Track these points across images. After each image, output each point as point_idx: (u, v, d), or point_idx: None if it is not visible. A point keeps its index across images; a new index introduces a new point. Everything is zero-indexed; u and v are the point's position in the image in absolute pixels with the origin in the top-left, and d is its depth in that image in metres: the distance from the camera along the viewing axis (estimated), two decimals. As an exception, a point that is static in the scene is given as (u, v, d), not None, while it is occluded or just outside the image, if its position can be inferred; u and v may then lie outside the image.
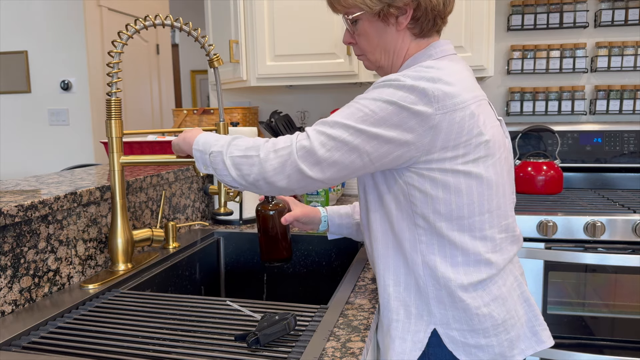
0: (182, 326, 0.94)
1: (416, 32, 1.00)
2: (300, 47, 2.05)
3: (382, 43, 1.01)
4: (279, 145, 0.90)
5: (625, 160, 2.24)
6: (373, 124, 0.88)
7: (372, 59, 1.04)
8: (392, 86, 0.89)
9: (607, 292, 1.83)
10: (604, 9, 2.26)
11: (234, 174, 0.93)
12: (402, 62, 1.02)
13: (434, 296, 0.97)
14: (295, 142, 0.90)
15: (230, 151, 0.94)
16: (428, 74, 0.90)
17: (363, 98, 0.91)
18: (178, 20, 1.20)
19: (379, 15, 0.97)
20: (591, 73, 2.35)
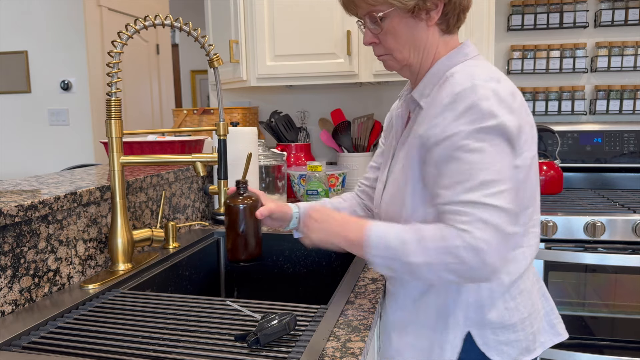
0: (182, 326, 0.94)
1: (443, 28, 0.98)
2: (300, 47, 2.05)
3: (412, 40, 0.97)
4: (478, 234, 0.83)
5: (625, 160, 2.24)
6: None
7: (400, 57, 1.00)
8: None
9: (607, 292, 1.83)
10: (604, 9, 2.26)
11: (447, 277, 0.87)
12: (433, 61, 1.00)
13: (473, 301, 0.97)
14: (490, 219, 0.83)
15: (434, 257, 0.85)
16: (499, 86, 0.90)
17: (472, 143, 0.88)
18: (178, 20, 1.20)
19: (412, 11, 0.94)
20: (591, 73, 2.35)
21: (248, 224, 1.12)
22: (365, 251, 0.91)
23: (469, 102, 0.87)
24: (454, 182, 0.87)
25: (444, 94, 0.91)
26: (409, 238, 0.88)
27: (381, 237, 0.90)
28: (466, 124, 0.87)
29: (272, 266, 1.62)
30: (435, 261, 0.85)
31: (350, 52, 2.01)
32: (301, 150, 2.30)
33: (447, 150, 0.88)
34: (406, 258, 0.87)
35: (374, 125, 2.33)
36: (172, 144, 1.71)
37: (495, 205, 0.84)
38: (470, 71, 0.92)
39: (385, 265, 0.91)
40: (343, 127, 2.34)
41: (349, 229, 0.95)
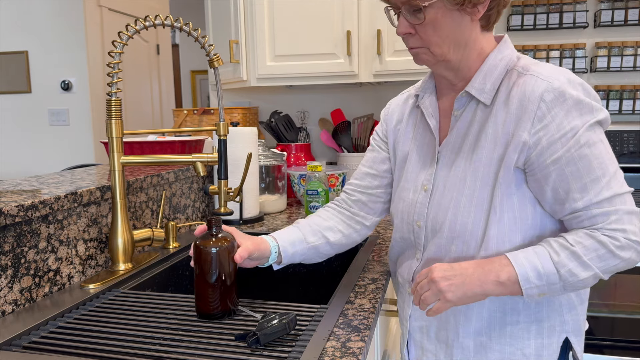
0: (182, 326, 0.94)
1: (484, 24, 0.93)
2: (300, 47, 2.05)
3: (454, 34, 0.91)
4: (634, 229, 0.84)
5: (625, 160, 2.24)
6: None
7: (438, 52, 0.92)
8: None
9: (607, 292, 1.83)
10: (603, 9, 2.26)
11: (606, 278, 0.87)
12: (479, 57, 0.94)
13: (566, 302, 0.94)
14: (637, 208, 0.86)
15: (600, 267, 0.84)
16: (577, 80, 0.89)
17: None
18: (178, 21, 1.20)
19: (461, 4, 0.87)
20: (591, 73, 2.35)
21: (222, 271, 0.96)
22: (523, 287, 0.85)
23: (575, 97, 0.85)
24: (589, 180, 0.84)
25: (541, 90, 0.86)
26: (561, 259, 0.84)
27: (533, 268, 0.84)
28: (578, 119, 0.85)
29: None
30: (600, 269, 0.84)
31: (350, 52, 2.01)
32: (301, 150, 2.31)
33: (571, 151, 0.84)
34: (575, 277, 0.84)
35: (374, 125, 2.33)
36: (172, 144, 1.71)
37: (628, 191, 0.86)
38: (549, 66, 0.89)
39: (538, 293, 0.86)
40: (343, 127, 2.34)
41: (493, 270, 0.86)
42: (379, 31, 1.98)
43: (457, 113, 0.96)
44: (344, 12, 2.01)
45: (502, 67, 0.93)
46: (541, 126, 0.85)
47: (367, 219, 1.16)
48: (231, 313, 0.98)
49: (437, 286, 0.87)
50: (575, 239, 0.85)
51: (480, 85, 0.93)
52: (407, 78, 2.03)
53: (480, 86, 0.92)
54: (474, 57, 0.94)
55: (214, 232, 0.97)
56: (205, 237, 0.97)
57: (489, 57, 0.93)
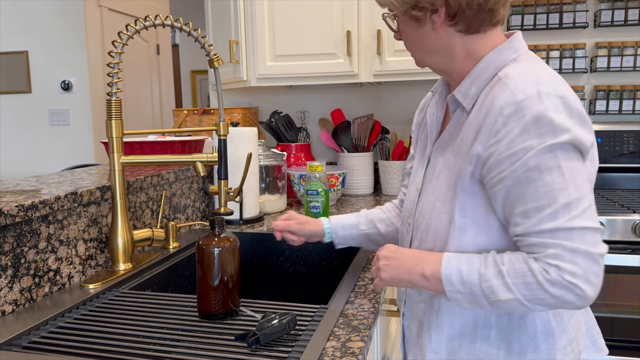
0: (182, 326, 0.94)
1: (462, 29, 0.89)
2: (300, 47, 2.05)
3: (420, 42, 0.92)
4: (569, 268, 0.76)
5: (625, 160, 2.24)
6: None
7: (416, 58, 0.96)
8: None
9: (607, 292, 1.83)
10: (603, 9, 2.26)
11: (540, 309, 0.81)
12: (472, 62, 0.91)
13: (542, 328, 0.89)
14: (580, 246, 0.76)
15: (523, 294, 0.79)
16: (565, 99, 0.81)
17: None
18: (178, 21, 1.20)
19: (409, 16, 0.90)
20: (591, 73, 2.35)
21: (225, 271, 0.96)
22: (445, 288, 0.85)
23: (535, 112, 0.78)
24: (532, 208, 0.79)
25: (502, 102, 0.81)
26: (487, 272, 0.81)
27: (457, 271, 0.84)
28: (535, 139, 0.78)
29: (272, 266, 1.62)
30: (525, 297, 0.79)
31: (350, 53, 2.01)
32: (301, 150, 2.31)
33: (517, 172, 0.79)
34: (489, 296, 0.81)
35: (374, 125, 2.33)
36: (173, 144, 1.71)
37: (583, 226, 0.77)
38: (529, 73, 0.83)
39: (466, 301, 0.84)
40: (343, 127, 2.34)
41: (425, 263, 0.88)
42: (379, 31, 1.99)
43: (452, 115, 0.95)
44: (344, 12, 2.01)
45: (491, 70, 0.88)
46: (494, 141, 0.81)
47: None
48: (233, 313, 0.98)
49: (377, 263, 0.95)
50: (510, 258, 0.81)
51: (465, 90, 0.90)
52: (407, 78, 2.03)
53: (466, 90, 0.90)
54: (460, 60, 0.91)
55: (217, 232, 0.97)
56: (207, 235, 0.97)
57: (483, 59, 0.89)
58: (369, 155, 2.25)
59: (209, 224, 0.97)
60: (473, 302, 0.84)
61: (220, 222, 0.97)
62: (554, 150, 0.77)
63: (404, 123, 2.46)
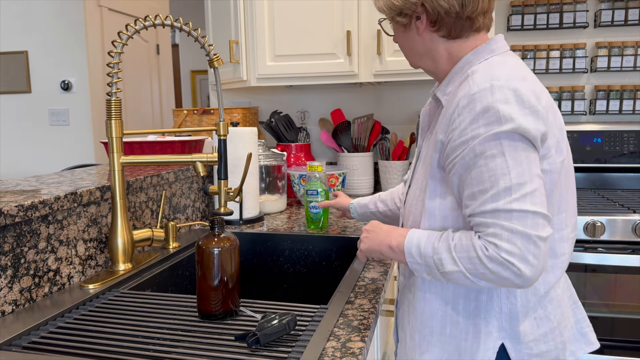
0: (182, 326, 0.94)
1: (445, 35, 0.96)
2: (300, 47, 2.05)
3: (409, 46, 1.03)
4: (506, 246, 0.81)
5: (625, 160, 2.24)
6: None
7: (409, 61, 1.06)
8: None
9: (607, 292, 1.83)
10: (603, 9, 2.26)
11: (484, 285, 0.87)
12: (454, 61, 0.98)
13: (507, 310, 0.94)
14: (517, 227, 0.81)
15: (466, 267, 0.85)
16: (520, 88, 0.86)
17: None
18: (178, 21, 1.20)
19: (396, 22, 1.01)
20: (591, 73, 2.35)
21: (225, 271, 0.96)
22: (407, 259, 0.93)
23: (484, 104, 0.85)
24: (477, 191, 0.85)
25: (461, 94, 0.88)
26: (440, 246, 0.89)
27: (417, 245, 0.92)
28: (482, 127, 0.84)
29: (272, 266, 1.62)
30: (467, 271, 0.85)
31: (350, 52, 2.01)
32: (301, 150, 2.31)
33: (465, 158, 0.86)
34: (439, 267, 0.88)
35: (374, 125, 2.33)
36: (172, 144, 1.71)
37: (523, 209, 0.81)
38: (491, 70, 0.89)
39: (424, 272, 0.92)
40: (343, 127, 2.34)
41: (392, 236, 0.97)
42: (379, 31, 1.98)
43: (436, 114, 1.03)
44: (344, 12, 2.01)
45: (465, 70, 0.96)
46: (451, 129, 0.89)
47: None
48: (233, 313, 0.98)
49: (361, 236, 1.08)
50: (460, 235, 0.88)
51: (444, 88, 0.99)
52: (407, 78, 2.03)
53: (444, 88, 0.99)
54: (444, 63, 1.00)
55: (217, 232, 0.97)
56: (207, 235, 0.97)
57: (461, 60, 0.97)
58: (369, 155, 2.25)
59: (209, 224, 0.97)
60: (429, 274, 0.92)
61: (220, 222, 0.97)
62: (498, 138, 0.84)
63: (404, 123, 2.46)
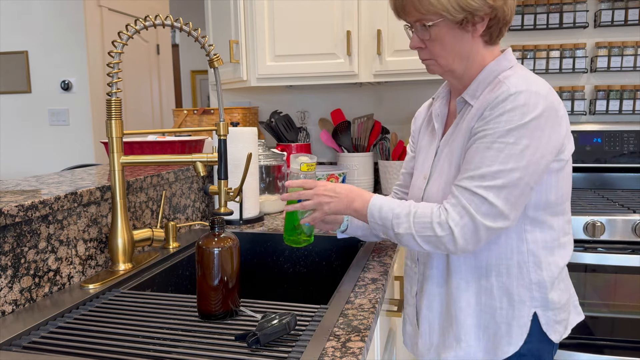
0: (182, 326, 0.94)
1: (487, 40, 1.06)
2: (300, 47, 2.05)
3: (458, 49, 1.05)
4: (455, 218, 0.97)
5: (625, 160, 2.24)
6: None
7: (444, 64, 1.07)
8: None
9: (607, 292, 1.83)
10: (603, 9, 2.26)
11: (426, 247, 1.01)
12: (480, 67, 1.07)
13: (536, 281, 1.05)
14: (470, 207, 0.96)
15: (417, 230, 1.00)
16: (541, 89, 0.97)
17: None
18: (178, 21, 1.20)
19: (460, 23, 1.01)
20: (591, 73, 2.35)
21: (225, 271, 0.96)
22: (368, 219, 1.07)
23: (517, 103, 0.95)
24: (464, 168, 0.99)
25: (498, 92, 0.98)
26: (401, 212, 1.02)
27: (378, 209, 1.05)
28: (505, 123, 0.95)
29: (272, 266, 1.62)
30: (417, 233, 1.00)
31: (350, 52, 2.01)
32: (301, 150, 2.31)
33: (476, 142, 0.98)
34: (394, 229, 1.02)
35: (374, 125, 2.33)
36: (172, 144, 1.71)
37: (482, 196, 0.95)
38: (526, 76, 1.00)
39: (383, 232, 1.06)
40: (343, 127, 2.34)
41: (355, 200, 1.09)
42: (379, 31, 1.99)
43: (458, 114, 1.10)
44: (344, 12, 2.01)
45: (492, 76, 1.05)
46: (481, 117, 1.00)
47: None
48: (233, 313, 0.98)
49: (320, 199, 1.11)
50: (424, 204, 1.02)
51: (473, 92, 1.06)
52: (407, 78, 2.03)
53: (473, 92, 1.06)
54: (476, 67, 1.07)
55: (217, 232, 0.97)
56: (208, 235, 0.98)
57: (487, 67, 1.06)
58: (369, 155, 2.25)
59: (209, 224, 0.97)
60: (384, 233, 1.06)
61: (220, 222, 0.97)
62: (511, 132, 0.95)
63: (404, 123, 2.46)
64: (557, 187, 1.04)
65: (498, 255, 1.05)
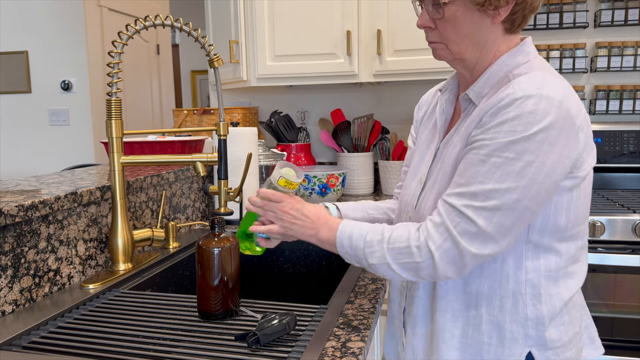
0: (182, 326, 0.94)
1: (507, 27, 0.91)
2: (300, 47, 2.05)
3: (473, 34, 0.90)
4: (437, 240, 0.84)
5: (625, 160, 2.24)
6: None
7: (455, 50, 0.92)
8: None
9: (607, 292, 1.83)
10: (603, 9, 2.26)
11: (405, 276, 0.89)
12: (493, 59, 0.92)
13: (533, 317, 0.90)
14: (454, 230, 0.83)
15: (393, 257, 0.88)
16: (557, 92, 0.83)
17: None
18: (178, 21, 1.20)
19: (481, 4, 0.86)
20: (591, 73, 2.35)
21: (225, 271, 0.96)
22: (337, 249, 0.94)
23: (523, 110, 0.81)
24: (454, 182, 0.86)
25: (502, 95, 0.84)
26: (373, 238, 0.90)
27: (348, 237, 0.93)
28: (505, 134, 0.81)
29: (272, 266, 1.62)
30: (393, 261, 0.88)
31: (350, 52, 2.01)
32: (301, 150, 2.31)
33: (471, 152, 0.85)
34: (367, 259, 0.90)
35: (374, 125, 2.33)
36: (172, 144, 1.71)
37: (471, 218, 0.82)
38: (541, 76, 0.85)
39: (356, 262, 0.94)
40: (343, 127, 2.34)
41: (322, 230, 0.96)
42: (379, 31, 1.98)
43: (463, 113, 0.96)
44: (344, 12, 2.01)
45: (503, 73, 0.91)
46: (480, 123, 0.86)
47: None
48: (233, 313, 0.98)
49: (283, 216, 0.98)
50: (396, 227, 0.90)
51: (479, 89, 0.92)
52: (407, 78, 2.03)
53: (479, 90, 0.92)
54: (490, 58, 0.93)
55: (217, 232, 0.97)
56: (207, 235, 0.98)
57: (497, 61, 0.92)
58: (369, 155, 2.25)
59: (209, 224, 0.97)
60: (358, 262, 0.93)
61: (220, 222, 0.97)
62: (512, 145, 0.81)
63: (404, 123, 2.46)
64: (569, 208, 0.88)
65: (491, 282, 0.90)
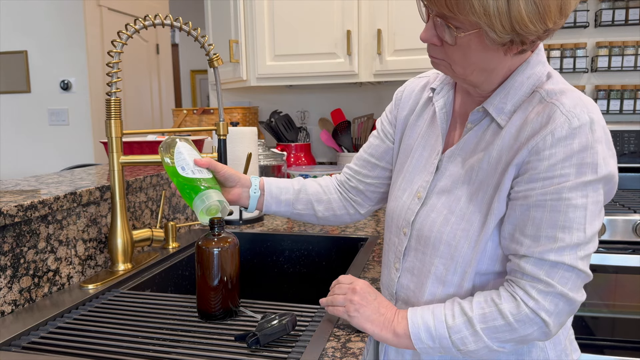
0: (181, 326, 0.94)
1: (517, 52, 0.81)
2: (300, 47, 2.05)
3: (482, 62, 0.81)
4: (549, 308, 0.78)
5: (625, 160, 2.23)
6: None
7: (459, 72, 0.84)
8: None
9: (607, 292, 1.83)
10: (604, 8, 2.26)
11: (509, 347, 0.82)
12: (503, 78, 0.85)
13: (550, 340, 0.89)
14: (563, 288, 0.77)
15: (492, 338, 0.80)
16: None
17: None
18: (178, 20, 1.19)
19: (502, 44, 0.77)
20: (591, 73, 2.35)
21: (225, 271, 0.96)
22: (415, 346, 0.84)
23: (584, 142, 0.75)
24: (545, 235, 0.77)
25: (555, 125, 0.77)
26: (457, 322, 0.81)
27: (426, 329, 0.83)
28: (576, 169, 0.75)
29: (272, 266, 1.62)
30: (493, 342, 0.80)
31: (350, 52, 2.01)
32: (301, 150, 2.30)
33: (547, 196, 0.77)
34: (460, 347, 0.81)
35: (374, 125, 2.33)
36: (172, 144, 1.70)
37: (579, 269, 0.77)
38: (574, 95, 0.80)
39: (438, 352, 0.84)
40: (343, 127, 2.34)
41: (391, 322, 0.87)
42: (379, 31, 1.98)
43: (470, 126, 0.88)
44: (344, 12, 2.01)
45: (528, 86, 0.83)
46: (535, 158, 0.78)
47: (364, 206, 1.13)
48: (233, 314, 0.98)
49: (352, 297, 0.90)
50: (478, 302, 0.81)
51: (500, 104, 0.84)
52: (407, 78, 2.02)
53: (500, 105, 0.84)
54: (499, 78, 0.85)
55: (216, 232, 0.97)
56: (207, 236, 0.97)
57: (516, 72, 0.84)
58: (369, 155, 2.25)
59: (209, 224, 0.97)
60: (444, 353, 0.84)
61: (220, 223, 0.97)
62: (587, 187, 0.76)
63: (404, 123, 2.46)
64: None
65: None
